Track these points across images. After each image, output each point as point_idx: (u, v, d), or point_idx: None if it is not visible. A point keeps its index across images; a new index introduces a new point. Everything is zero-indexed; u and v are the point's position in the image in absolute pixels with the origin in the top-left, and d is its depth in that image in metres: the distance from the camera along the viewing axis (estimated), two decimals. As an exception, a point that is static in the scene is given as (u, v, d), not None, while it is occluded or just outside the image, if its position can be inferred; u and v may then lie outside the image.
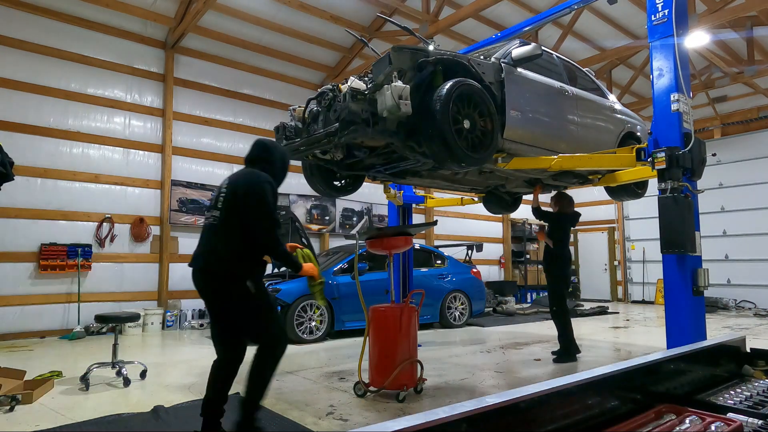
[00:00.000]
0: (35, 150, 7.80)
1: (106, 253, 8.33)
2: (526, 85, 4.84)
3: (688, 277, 3.94)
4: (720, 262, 11.72)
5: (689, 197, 4.00)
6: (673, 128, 4.08)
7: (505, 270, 14.51)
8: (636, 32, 10.04)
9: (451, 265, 9.38)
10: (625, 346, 6.96)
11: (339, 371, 5.30)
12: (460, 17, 8.44)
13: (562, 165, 4.73)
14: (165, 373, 5.26)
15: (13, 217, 7.55)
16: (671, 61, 4.13)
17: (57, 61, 8.10)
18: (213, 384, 3.07)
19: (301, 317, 7.17)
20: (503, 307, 11.17)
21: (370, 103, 3.83)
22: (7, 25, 7.67)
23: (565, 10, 5.80)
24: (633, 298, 14.00)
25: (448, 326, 8.81)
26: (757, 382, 1.72)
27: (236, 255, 2.99)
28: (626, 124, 6.08)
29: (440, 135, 3.84)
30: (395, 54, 3.86)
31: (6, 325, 7.36)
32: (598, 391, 1.28)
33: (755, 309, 11.29)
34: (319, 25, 9.61)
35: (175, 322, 8.64)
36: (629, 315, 11.02)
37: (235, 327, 3.11)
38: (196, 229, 9.29)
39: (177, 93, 9.28)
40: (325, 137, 4.14)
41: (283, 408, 3.95)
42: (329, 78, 10.85)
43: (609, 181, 5.77)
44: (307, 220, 10.65)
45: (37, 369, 5.12)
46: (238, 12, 8.89)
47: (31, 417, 3.74)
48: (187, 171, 9.32)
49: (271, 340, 3.04)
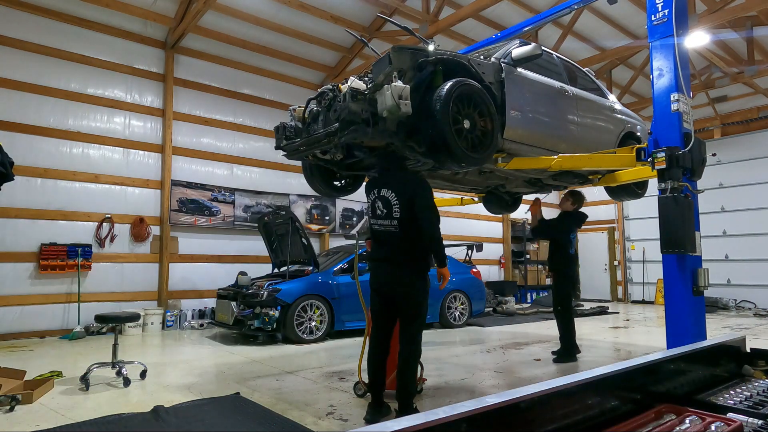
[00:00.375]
0: (35, 150, 7.80)
1: (106, 253, 8.33)
2: (526, 85, 4.84)
3: (688, 277, 3.95)
4: (720, 262, 11.72)
5: (689, 197, 4.00)
6: (673, 128, 4.08)
7: (505, 270, 14.51)
8: (636, 32, 10.04)
9: (451, 265, 9.30)
10: (625, 346, 6.96)
11: (339, 371, 5.31)
12: (460, 17, 8.44)
13: (562, 165, 4.73)
14: (165, 373, 5.26)
15: (13, 217, 7.55)
16: (671, 61, 4.13)
17: (57, 61, 8.10)
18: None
19: (301, 317, 7.17)
20: (503, 307, 11.17)
21: (370, 103, 3.83)
22: (7, 25, 7.66)
23: (565, 10, 5.81)
24: (633, 298, 14.00)
25: (448, 326, 8.82)
26: (757, 381, 1.72)
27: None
28: (626, 124, 6.08)
29: (440, 135, 3.84)
30: (395, 54, 3.86)
31: (6, 325, 7.36)
32: (598, 391, 1.28)
33: (755, 309, 11.29)
34: (319, 25, 9.61)
35: (175, 322, 8.64)
36: (629, 315, 11.02)
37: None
38: (197, 229, 9.31)
39: (177, 93, 9.28)
40: (325, 137, 4.14)
41: (283, 408, 3.95)
42: (329, 78, 10.85)
43: (609, 181, 5.77)
44: (307, 220, 10.65)
45: (37, 369, 5.12)
46: (238, 12, 8.89)
47: (31, 417, 3.75)
48: (187, 171, 9.32)
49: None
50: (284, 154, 4.90)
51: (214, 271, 9.32)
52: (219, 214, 9.53)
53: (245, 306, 7.10)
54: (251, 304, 7.05)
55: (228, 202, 9.68)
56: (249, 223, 9.77)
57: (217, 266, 9.42)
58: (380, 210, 3.70)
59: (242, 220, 9.81)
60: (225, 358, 6.16)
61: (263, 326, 6.94)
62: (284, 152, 4.88)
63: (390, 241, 3.67)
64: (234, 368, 5.52)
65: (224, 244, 9.64)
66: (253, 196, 10.02)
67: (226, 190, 9.69)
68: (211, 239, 9.50)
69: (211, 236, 9.50)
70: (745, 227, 11.75)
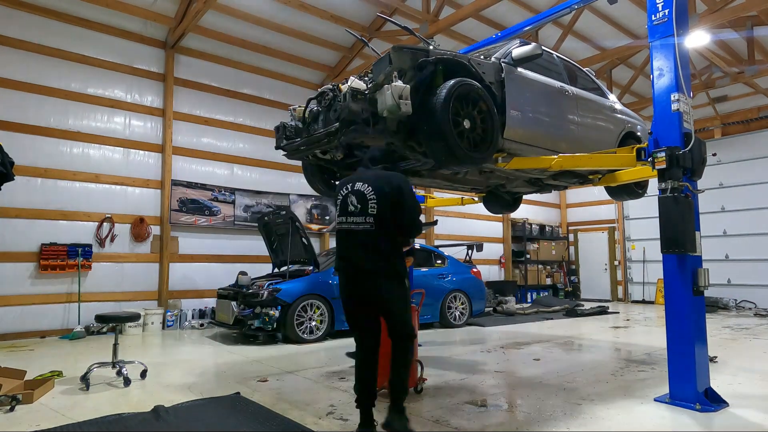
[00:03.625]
0: (35, 150, 7.79)
1: (107, 252, 8.33)
2: (527, 85, 4.84)
3: (689, 277, 3.95)
4: (720, 262, 11.71)
5: (689, 197, 4.00)
6: (673, 128, 4.08)
7: (506, 270, 14.51)
8: (636, 32, 10.04)
9: (451, 264, 9.38)
10: (625, 346, 6.96)
11: (339, 371, 5.31)
12: (460, 17, 8.43)
13: (562, 165, 4.72)
14: (165, 373, 5.26)
15: (13, 217, 7.55)
16: (671, 60, 4.13)
17: (57, 61, 8.10)
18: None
19: (301, 317, 7.17)
20: (503, 307, 11.17)
21: (370, 103, 3.83)
22: (7, 25, 7.66)
23: (565, 10, 5.80)
24: (633, 298, 13.99)
25: (448, 326, 8.81)
26: None
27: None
28: (626, 124, 6.08)
29: (440, 135, 3.84)
30: (395, 54, 3.86)
31: (6, 325, 7.36)
32: None
33: (755, 309, 11.29)
34: (319, 24, 9.61)
35: (175, 322, 8.64)
36: (629, 315, 11.01)
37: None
38: (197, 228, 9.31)
39: (177, 93, 9.28)
40: (326, 137, 4.14)
41: (283, 408, 3.95)
42: (329, 78, 10.85)
43: (609, 181, 5.77)
44: (307, 220, 10.65)
45: (38, 369, 5.12)
46: (238, 12, 8.89)
47: (32, 417, 3.74)
48: (188, 171, 9.32)
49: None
50: (284, 153, 4.91)
51: (215, 270, 9.32)
52: (219, 214, 9.53)
53: (245, 306, 7.10)
54: (251, 303, 7.06)
55: (228, 201, 9.68)
56: (249, 223, 9.77)
57: (218, 266, 9.42)
58: (353, 206, 3.30)
59: (242, 220, 9.81)
60: (225, 358, 6.16)
61: (263, 326, 6.94)
62: (284, 152, 4.89)
63: (364, 242, 3.26)
64: (234, 368, 5.52)
65: (224, 244, 9.64)
66: (253, 195, 10.02)
67: (226, 189, 9.69)
68: (212, 239, 9.50)
69: (211, 236, 9.50)
70: (746, 227, 11.74)
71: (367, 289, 3.29)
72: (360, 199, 3.29)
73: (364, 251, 3.27)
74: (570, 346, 7.03)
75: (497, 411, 3.97)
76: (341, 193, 3.44)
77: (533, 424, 3.55)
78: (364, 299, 3.33)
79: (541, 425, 3.51)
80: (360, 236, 3.28)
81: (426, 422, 3.58)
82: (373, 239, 3.24)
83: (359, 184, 3.34)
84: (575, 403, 4.02)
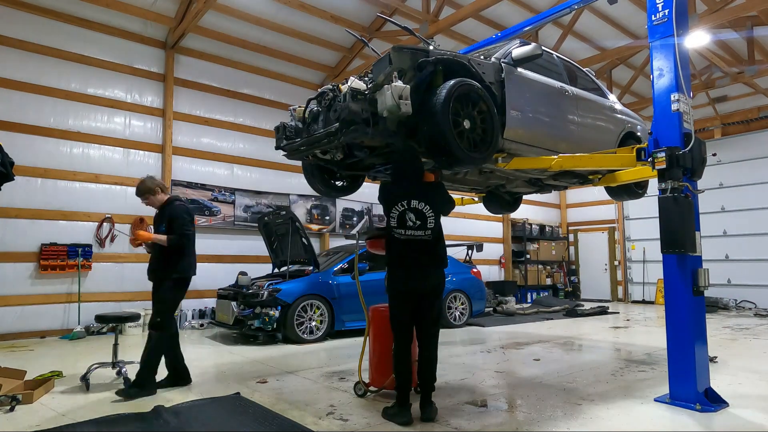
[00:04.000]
0: (35, 150, 7.79)
1: (107, 253, 8.33)
2: (527, 85, 4.84)
3: (689, 277, 3.95)
4: (720, 262, 11.71)
5: (689, 197, 4.00)
6: (673, 128, 4.08)
7: (506, 270, 14.51)
8: (636, 32, 10.04)
9: (451, 264, 9.30)
10: (625, 346, 6.96)
11: (339, 371, 5.31)
12: (460, 17, 8.44)
13: (562, 165, 4.72)
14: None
15: (13, 217, 7.54)
16: (671, 61, 4.13)
17: (57, 61, 8.10)
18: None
19: (301, 317, 7.17)
20: (503, 307, 11.17)
21: (370, 103, 3.83)
22: (7, 25, 7.66)
23: (565, 10, 5.80)
24: (633, 298, 13.99)
25: (448, 326, 8.80)
26: None
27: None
28: (626, 124, 6.08)
29: (440, 135, 3.84)
30: (395, 54, 3.86)
31: (6, 325, 7.36)
32: None
33: (755, 309, 11.29)
34: (320, 25, 9.61)
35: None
36: (629, 315, 11.01)
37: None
38: (197, 229, 9.23)
39: (177, 93, 9.28)
40: (326, 137, 4.14)
41: (283, 408, 3.95)
42: (329, 78, 10.85)
43: (609, 181, 5.77)
44: (307, 220, 10.65)
45: (38, 369, 5.12)
46: (238, 12, 8.89)
47: (32, 417, 3.74)
48: (188, 171, 9.32)
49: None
50: (284, 154, 4.91)
51: (214, 271, 9.32)
52: (219, 214, 9.53)
53: (245, 306, 7.10)
54: (251, 304, 7.06)
55: (228, 202, 9.68)
56: (249, 223, 9.77)
57: (218, 266, 9.42)
58: (412, 222, 3.78)
59: (242, 220, 9.81)
60: (225, 358, 6.16)
61: (263, 326, 6.94)
62: (284, 152, 4.89)
63: (423, 248, 3.81)
64: (234, 368, 5.52)
65: (224, 244, 9.64)
66: (253, 196, 10.02)
67: (226, 190, 9.69)
68: (212, 239, 9.49)
69: (211, 236, 9.50)
70: (746, 227, 11.74)
71: (428, 282, 3.81)
72: (419, 217, 3.77)
73: (425, 255, 3.82)
74: (570, 347, 7.03)
75: (497, 411, 3.97)
76: (397, 208, 3.80)
77: (533, 424, 3.55)
78: (423, 291, 3.79)
79: (541, 425, 3.51)
80: (420, 244, 3.80)
81: (426, 422, 3.58)
82: (432, 247, 3.83)
83: (415, 202, 3.78)
84: (575, 404, 4.02)
